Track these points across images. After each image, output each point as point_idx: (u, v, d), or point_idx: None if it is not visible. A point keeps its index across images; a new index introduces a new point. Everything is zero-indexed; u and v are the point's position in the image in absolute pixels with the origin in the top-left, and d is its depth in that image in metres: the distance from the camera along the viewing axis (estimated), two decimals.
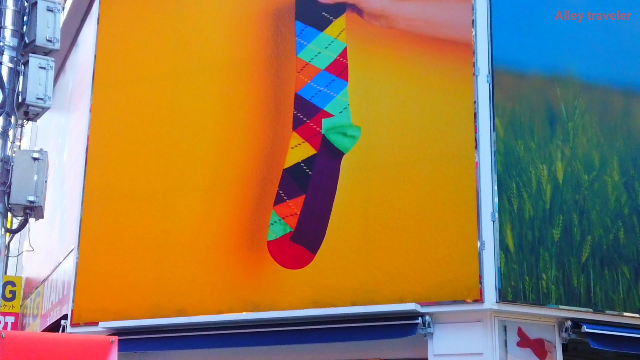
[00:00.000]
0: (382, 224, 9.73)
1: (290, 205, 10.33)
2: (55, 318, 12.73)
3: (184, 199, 11.10)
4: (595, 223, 9.64)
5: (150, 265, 11.04)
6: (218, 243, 10.68)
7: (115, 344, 5.17)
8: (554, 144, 9.71)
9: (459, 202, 9.36)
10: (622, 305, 9.49)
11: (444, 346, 9.18)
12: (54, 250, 14.33)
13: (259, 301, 10.16)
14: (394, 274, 9.48)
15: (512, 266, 9.07)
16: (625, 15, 10.40)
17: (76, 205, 12.01)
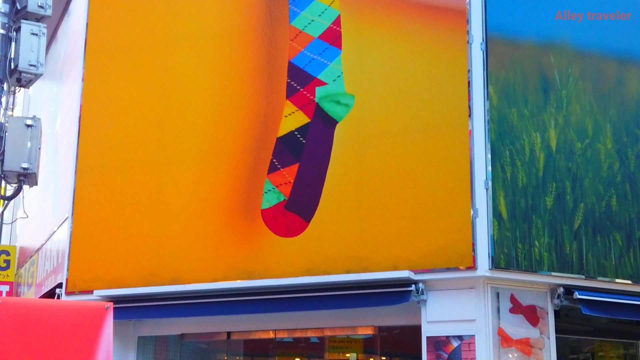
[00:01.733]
0: (375, 192, 9.75)
1: (284, 174, 10.33)
2: (50, 287, 12.76)
3: (177, 167, 11.09)
4: (588, 190, 9.68)
5: (144, 234, 11.06)
6: (212, 212, 10.69)
7: (110, 310, 5.18)
8: (548, 112, 9.72)
9: (453, 170, 9.37)
10: (613, 272, 9.55)
11: (437, 313, 9.24)
12: (48, 219, 14.33)
13: (253, 269, 10.20)
14: (387, 241, 9.52)
15: (505, 233, 9.10)
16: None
17: (70, 174, 11.98)
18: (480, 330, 9.01)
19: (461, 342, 9.05)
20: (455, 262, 9.12)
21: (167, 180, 11.11)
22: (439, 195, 9.39)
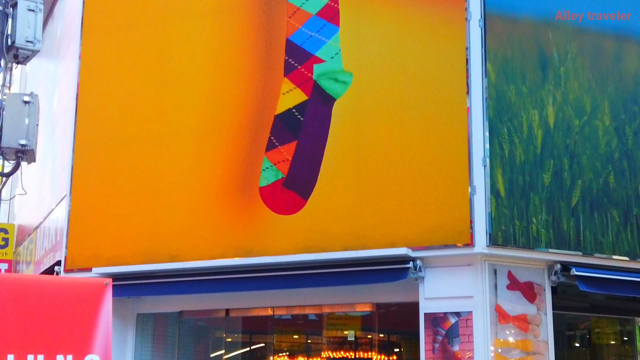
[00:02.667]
0: (373, 170, 9.75)
1: (282, 151, 10.33)
2: (48, 264, 12.79)
3: (175, 145, 11.08)
4: (586, 167, 9.68)
5: (143, 212, 11.07)
6: (210, 189, 10.69)
7: (109, 286, 5.19)
8: (546, 89, 9.71)
9: (451, 147, 9.37)
10: (611, 248, 9.58)
11: (434, 290, 9.28)
12: (46, 197, 14.33)
13: (251, 246, 10.22)
14: (385, 218, 9.53)
15: (503, 210, 9.12)
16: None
17: (67, 152, 11.98)
18: (478, 307, 9.05)
19: (459, 318, 9.09)
20: (452, 239, 9.14)
21: (165, 158, 11.11)
22: (437, 172, 9.40)
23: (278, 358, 14.38)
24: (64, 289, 5.12)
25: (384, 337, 13.39)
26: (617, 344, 12.12)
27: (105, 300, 5.17)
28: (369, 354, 13.02)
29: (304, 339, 14.81)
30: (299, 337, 14.73)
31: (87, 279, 5.34)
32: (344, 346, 13.69)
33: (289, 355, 14.86)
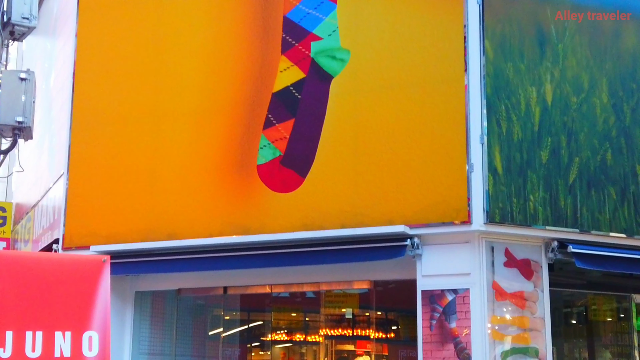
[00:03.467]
0: (371, 147, 9.75)
1: (280, 129, 10.32)
2: (46, 243, 12.81)
3: (173, 123, 11.07)
4: (583, 145, 9.69)
5: (140, 189, 11.07)
6: (208, 167, 10.69)
7: (107, 263, 5.18)
8: (544, 66, 9.68)
9: (448, 125, 9.36)
10: (608, 225, 9.60)
11: (432, 267, 9.30)
12: (44, 175, 14.33)
13: (249, 224, 10.23)
14: (383, 196, 9.54)
15: (500, 188, 9.13)
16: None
17: (64, 130, 11.96)
18: (475, 284, 9.08)
19: (456, 295, 9.12)
20: (450, 217, 9.16)
21: (163, 136, 11.10)
22: (435, 150, 9.39)
23: (276, 335, 14.46)
24: (62, 265, 5.12)
25: (382, 315, 13.47)
26: (613, 321, 12.18)
27: (103, 277, 5.16)
28: (367, 332, 13.10)
29: (301, 316, 14.89)
30: (296, 314, 14.80)
31: (85, 256, 5.34)
32: (342, 324, 13.77)
33: (287, 332, 14.95)
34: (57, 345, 4.89)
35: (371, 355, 12.94)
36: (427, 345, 9.15)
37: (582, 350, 12.70)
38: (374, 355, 12.79)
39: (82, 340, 4.98)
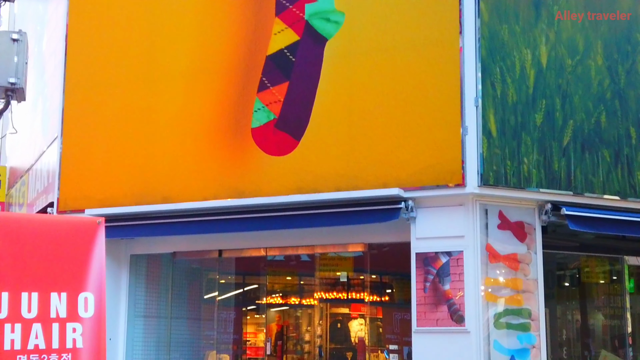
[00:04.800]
0: (365, 110, 9.73)
1: (274, 92, 10.28)
2: (41, 206, 12.81)
3: (167, 85, 11.02)
4: (578, 107, 9.68)
5: (134, 153, 11.05)
6: (202, 130, 10.67)
7: (102, 225, 5.20)
8: (539, 28, 9.64)
9: (443, 88, 9.34)
10: (601, 188, 9.63)
11: (426, 230, 9.34)
12: (37, 139, 14.29)
13: (244, 188, 10.24)
14: (377, 159, 9.54)
15: (494, 151, 9.14)
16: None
17: (58, 93, 11.91)
18: (469, 246, 9.12)
19: (450, 258, 9.17)
20: (444, 180, 9.18)
21: (157, 99, 11.06)
22: (429, 112, 9.38)
23: (271, 299, 14.54)
24: (57, 227, 5.13)
25: (376, 278, 13.52)
26: (606, 282, 12.27)
27: (98, 239, 5.18)
28: (361, 295, 13.16)
29: (296, 280, 14.95)
30: (291, 278, 14.87)
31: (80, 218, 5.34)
32: (337, 287, 13.83)
33: (282, 296, 15.02)
34: (53, 306, 4.91)
35: (365, 318, 13.01)
36: (421, 307, 9.21)
37: (574, 312, 12.81)
38: (369, 318, 12.86)
39: (78, 301, 5.01)
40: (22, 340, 4.75)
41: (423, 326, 9.16)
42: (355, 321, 14.61)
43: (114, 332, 11.21)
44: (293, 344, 15.57)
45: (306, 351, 15.19)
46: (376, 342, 13.36)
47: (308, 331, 15.32)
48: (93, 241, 5.15)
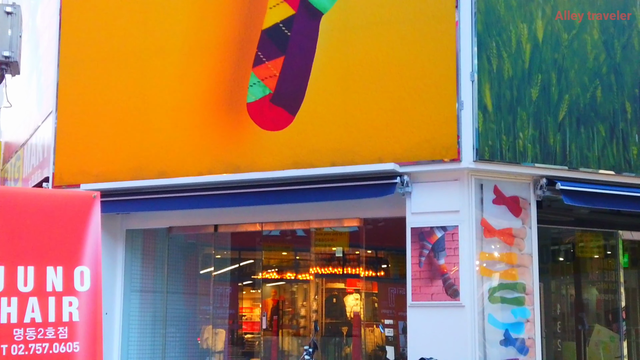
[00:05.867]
0: (361, 85, 9.71)
1: (269, 67, 10.25)
2: (36, 181, 12.80)
3: (162, 60, 10.98)
4: (573, 82, 9.67)
5: (130, 128, 11.03)
6: (198, 105, 10.65)
7: (97, 199, 5.21)
8: (535, 2, 9.60)
9: (439, 62, 9.32)
10: (596, 162, 9.65)
11: (421, 204, 9.35)
12: (32, 114, 14.25)
13: (239, 162, 10.24)
14: (373, 134, 9.54)
15: (490, 126, 9.13)
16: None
17: (52, 68, 11.86)
18: (464, 221, 9.15)
19: (445, 232, 9.20)
20: (440, 154, 9.18)
21: (152, 73, 11.02)
22: (425, 87, 9.37)
23: (267, 274, 14.58)
24: (53, 201, 5.14)
25: (372, 253, 13.57)
26: (600, 257, 12.33)
27: (93, 213, 5.20)
28: (357, 270, 13.21)
29: (292, 255, 14.99)
30: (287, 253, 14.91)
31: (75, 192, 5.36)
32: (332, 262, 13.88)
33: (277, 271, 15.07)
34: (49, 279, 4.94)
35: (361, 293, 13.07)
36: (416, 281, 9.25)
37: (568, 287, 12.88)
38: (364, 293, 12.92)
39: (74, 274, 5.04)
40: (19, 314, 4.78)
41: (418, 300, 9.21)
42: (350, 296, 14.68)
43: (110, 306, 11.24)
44: (289, 319, 15.64)
45: (302, 326, 15.27)
46: (371, 316, 13.44)
47: (304, 306, 15.39)
48: (89, 215, 5.17)
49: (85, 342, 4.96)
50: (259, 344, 13.89)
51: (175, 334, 12.35)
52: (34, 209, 5.00)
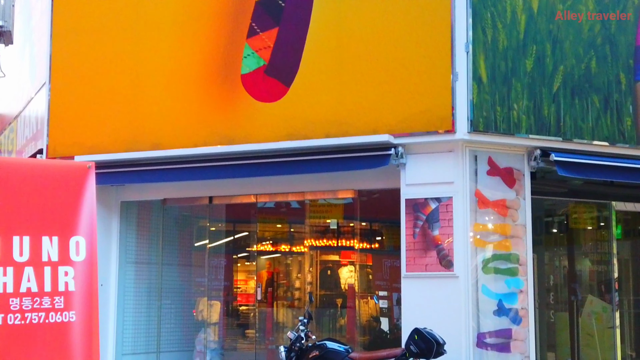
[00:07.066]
0: (355, 56, 9.68)
1: (264, 38, 10.21)
2: (30, 153, 12.78)
3: (156, 31, 10.92)
4: (568, 53, 9.65)
5: (124, 99, 11.00)
6: (191, 76, 10.61)
7: (92, 169, 5.20)
8: None
9: (433, 33, 9.29)
10: (590, 133, 9.65)
11: (416, 176, 9.37)
12: (25, 86, 14.18)
13: (234, 134, 10.23)
14: (367, 105, 9.53)
15: (484, 97, 9.13)
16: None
17: (45, 39, 11.79)
18: (458, 192, 9.17)
19: (439, 204, 9.22)
20: (434, 126, 9.18)
21: (146, 44, 10.97)
22: (419, 58, 9.34)
23: (261, 246, 14.62)
24: (48, 172, 5.14)
25: (366, 225, 13.60)
26: (593, 228, 12.36)
27: (88, 183, 5.19)
28: (351, 242, 13.25)
29: (287, 227, 15.02)
30: (282, 226, 14.94)
31: (70, 162, 5.36)
32: (327, 234, 13.92)
33: (272, 243, 15.11)
34: (45, 249, 4.95)
35: (355, 265, 13.11)
36: (410, 252, 9.29)
37: (562, 258, 12.94)
38: (358, 265, 12.96)
39: (69, 244, 5.04)
40: (15, 284, 4.79)
41: (412, 271, 9.25)
42: (345, 268, 14.73)
43: (105, 278, 11.27)
44: (283, 291, 15.70)
45: (296, 298, 15.33)
46: (366, 288, 13.49)
47: (298, 278, 15.44)
48: (83, 185, 5.17)
49: (81, 312, 4.97)
50: (253, 316, 13.96)
51: (170, 306, 12.40)
52: (29, 179, 4.99)
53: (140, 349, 11.86)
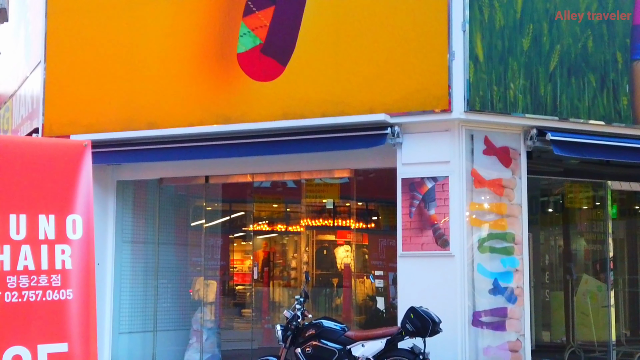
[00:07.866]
0: (352, 35, 9.65)
1: (260, 17, 10.17)
2: (26, 132, 12.74)
3: (151, 10, 10.88)
4: (565, 32, 9.63)
5: (120, 78, 10.96)
6: (188, 55, 10.58)
7: (88, 147, 5.18)
8: None
9: (430, 12, 9.27)
10: (586, 113, 9.65)
11: (412, 155, 9.37)
12: (21, 64, 14.12)
13: (230, 113, 10.21)
14: (363, 85, 9.51)
15: (481, 76, 9.12)
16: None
17: (40, 17, 11.74)
18: (454, 172, 9.18)
19: (435, 183, 9.23)
20: (430, 105, 9.17)
21: (142, 23, 10.92)
22: (416, 37, 9.32)
23: (258, 226, 14.65)
24: (44, 149, 5.12)
25: (362, 205, 13.63)
26: (589, 208, 12.41)
27: (85, 161, 5.18)
28: (347, 222, 13.28)
29: (283, 207, 15.05)
30: (278, 205, 14.96)
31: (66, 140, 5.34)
32: (323, 214, 13.96)
33: (268, 223, 15.14)
34: (41, 227, 4.94)
35: (351, 245, 13.16)
36: (406, 232, 9.31)
37: (557, 237, 13.00)
38: (355, 245, 13.00)
39: (66, 223, 5.04)
40: (12, 262, 4.79)
41: (408, 250, 9.27)
42: (341, 248, 14.79)
43: (101, 257, 11.29)
44: (279, 271, 15.77)
45: (292, 277, 15.39)
46: (362, 268, 13.54)
47: (294, 258, 15.50)
48: (80, 163, 5.15)
49: (78, 290, 4.98)
50: (250, 295, 14.02)
51: (166, 285, 12.43)
52: (25, 158, 4.98)
53: (137, 328, 11.90)
